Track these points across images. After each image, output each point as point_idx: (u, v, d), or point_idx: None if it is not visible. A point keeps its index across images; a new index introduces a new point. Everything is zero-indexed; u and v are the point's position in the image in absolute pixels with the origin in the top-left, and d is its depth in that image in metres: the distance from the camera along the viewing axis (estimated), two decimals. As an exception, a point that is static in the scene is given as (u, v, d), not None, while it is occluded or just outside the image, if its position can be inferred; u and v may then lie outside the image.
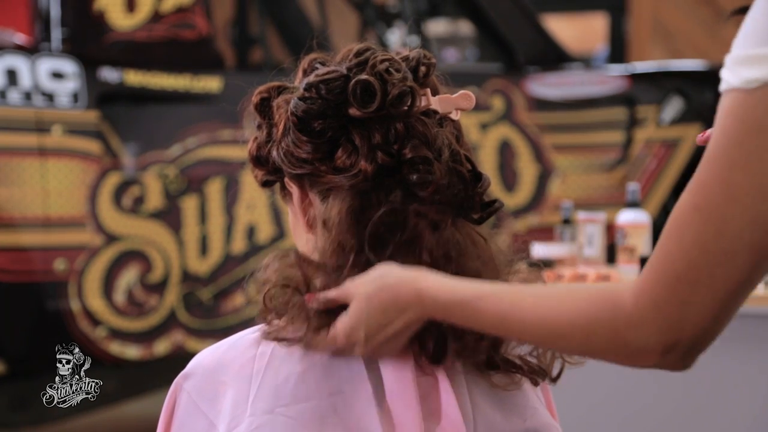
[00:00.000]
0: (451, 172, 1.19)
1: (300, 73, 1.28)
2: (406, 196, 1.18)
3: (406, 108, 1.19)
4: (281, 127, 1.22)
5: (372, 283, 1.11)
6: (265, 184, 1.28)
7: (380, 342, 1.12)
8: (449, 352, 1.18)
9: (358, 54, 1.22)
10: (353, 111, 1.18)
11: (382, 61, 1.20)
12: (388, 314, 1.10)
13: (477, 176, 1.22)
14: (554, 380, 1.25)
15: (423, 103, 1.21)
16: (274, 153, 1.23)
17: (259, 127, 1.27)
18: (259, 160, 1.26)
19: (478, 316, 1.07)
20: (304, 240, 1.25)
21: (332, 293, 1.14)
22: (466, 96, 1.23)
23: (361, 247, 1.16)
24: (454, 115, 1.23)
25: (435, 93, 1.23)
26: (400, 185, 1.18)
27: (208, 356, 1.22)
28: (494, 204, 1.23)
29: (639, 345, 0.99)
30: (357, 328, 1.12)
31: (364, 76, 1.18)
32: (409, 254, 1.16)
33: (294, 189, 1.24)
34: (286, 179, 1.25)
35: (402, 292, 1.10)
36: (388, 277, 1.11)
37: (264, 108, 1.26)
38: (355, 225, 1.17)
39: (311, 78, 1.20)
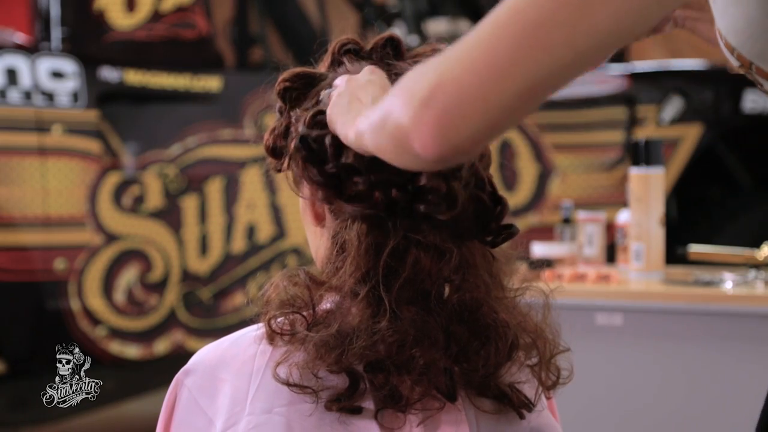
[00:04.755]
0: (472, 198, 1.17)
1: (329, 58, 1.25)
2: (418, 222, 1.16)
3: None
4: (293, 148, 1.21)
5: None
6: (279, 170, 1.27)
7: None
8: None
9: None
10: None
11: None
12: None
13: (497, 200, 1.21)
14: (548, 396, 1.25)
15: None
16: (293, 165, 1.22)
17: (281, 112, 1.25)
18: (275, 151, 1.25)
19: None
20: (312, 230, 1.25)
21: None
22: None
23: (375, 277, 1.15)
24: None
25: None
26: (414, 212, 1.16)
27: (209, 353, 1.21)
28: (510, 229, 1.21)
29: (417, 82, 0.92)
30: None
31: None
32: (416, 281, 1.16)
33: (304, 186, 1.23)
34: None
35: None
36: None
37: (286, 96, 1.24)
38: (372, 254, 1.16)
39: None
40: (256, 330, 1.20)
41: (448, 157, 0.92)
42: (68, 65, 3.64)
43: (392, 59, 1.25)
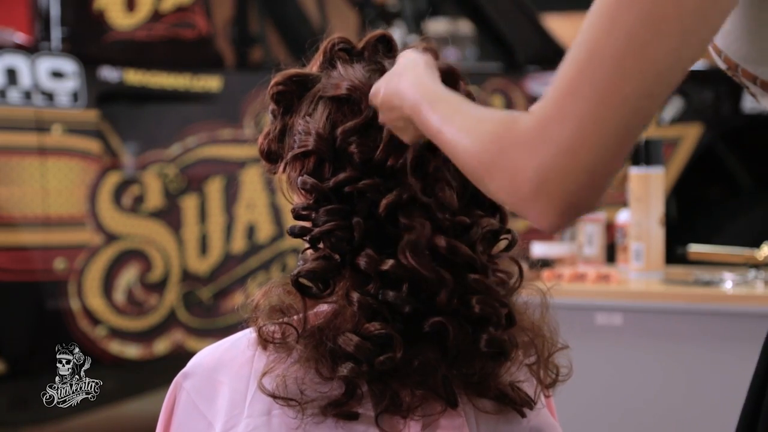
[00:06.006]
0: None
1: (320, 57, 1.24)
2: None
3: None
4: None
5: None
6: (274, 173, 1.27)
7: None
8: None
9: None
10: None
11: None
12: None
13: (495, 209, 1.21)
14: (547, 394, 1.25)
15: None
16: (288, 170, 1.22)
17: (274, 115, 1.25)
18: (269, 155, 1.25)
19: (425, 123, 1.05)
20: None
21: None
22: None
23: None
24: None
25: None
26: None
27: (208, 355, 1.21)
28: (509, 233, 1.22)
29: (518, 165, 0.92)
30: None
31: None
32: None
33: (296, 193, 1.23)
34: None
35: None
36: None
37: (280, 98, 1.23)
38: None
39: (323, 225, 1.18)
40: (254, 332, 1.20)
41: (566, 226, 0.96)
42: (68, 65, 3.63)
43: (384, 58, 1.24)
